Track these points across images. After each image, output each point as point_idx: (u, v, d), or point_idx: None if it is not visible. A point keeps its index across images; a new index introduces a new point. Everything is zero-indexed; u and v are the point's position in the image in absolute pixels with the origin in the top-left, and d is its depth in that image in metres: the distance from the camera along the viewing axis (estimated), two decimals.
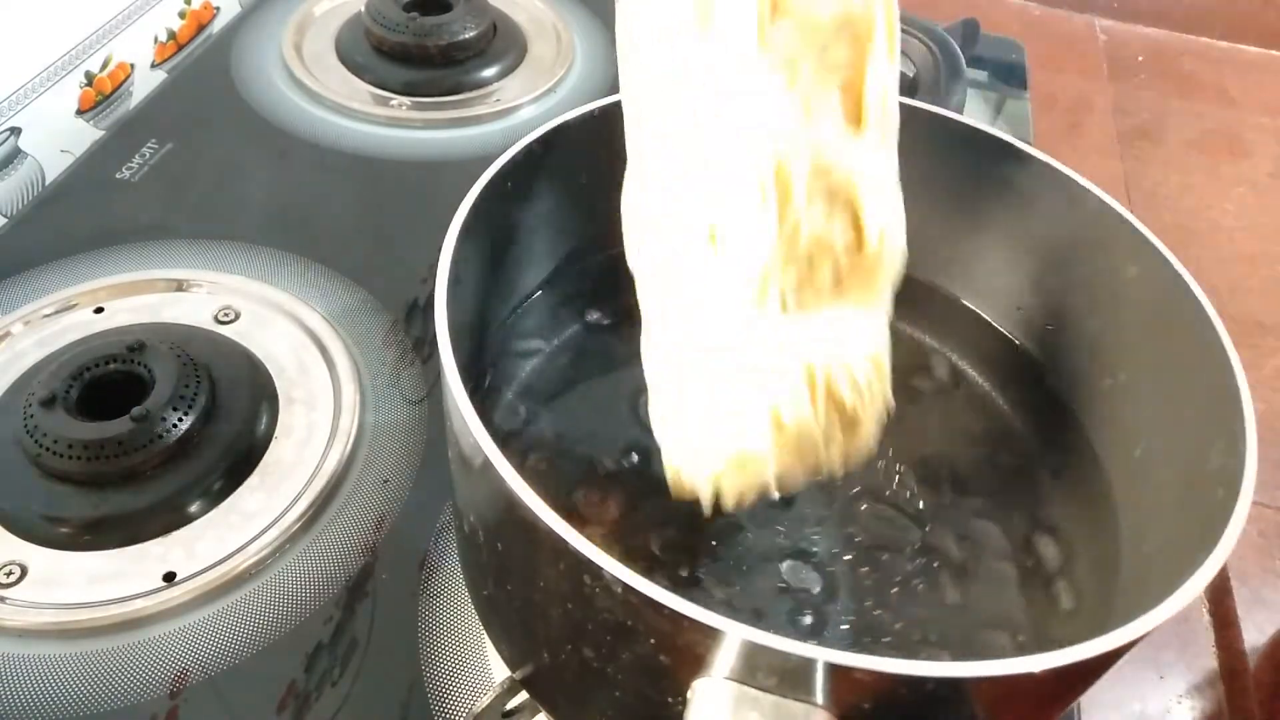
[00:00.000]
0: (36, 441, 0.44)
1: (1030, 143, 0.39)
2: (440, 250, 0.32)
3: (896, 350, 0.41)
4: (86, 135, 0.70)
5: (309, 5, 0.79)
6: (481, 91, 0.73)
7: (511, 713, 0.37)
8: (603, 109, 0.39)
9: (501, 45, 0.76)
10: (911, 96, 0.44)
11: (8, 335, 0.52)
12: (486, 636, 0.40)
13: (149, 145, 0.66)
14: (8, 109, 0.64)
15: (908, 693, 0.24)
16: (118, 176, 0.63)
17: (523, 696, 0.37)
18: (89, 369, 0.47)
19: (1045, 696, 0.28)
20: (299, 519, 0.45)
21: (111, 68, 0.72)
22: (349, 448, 0.48)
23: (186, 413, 0.46)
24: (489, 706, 0.37)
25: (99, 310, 0.54)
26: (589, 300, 0.44)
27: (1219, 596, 0.53)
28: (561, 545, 0.25)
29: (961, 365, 0.43)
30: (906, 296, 0.44)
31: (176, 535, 0.44)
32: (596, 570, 0.25)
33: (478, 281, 0.36)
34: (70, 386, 0.46)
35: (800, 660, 0.23)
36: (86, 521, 0.44)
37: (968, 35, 0.72)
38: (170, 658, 0.41)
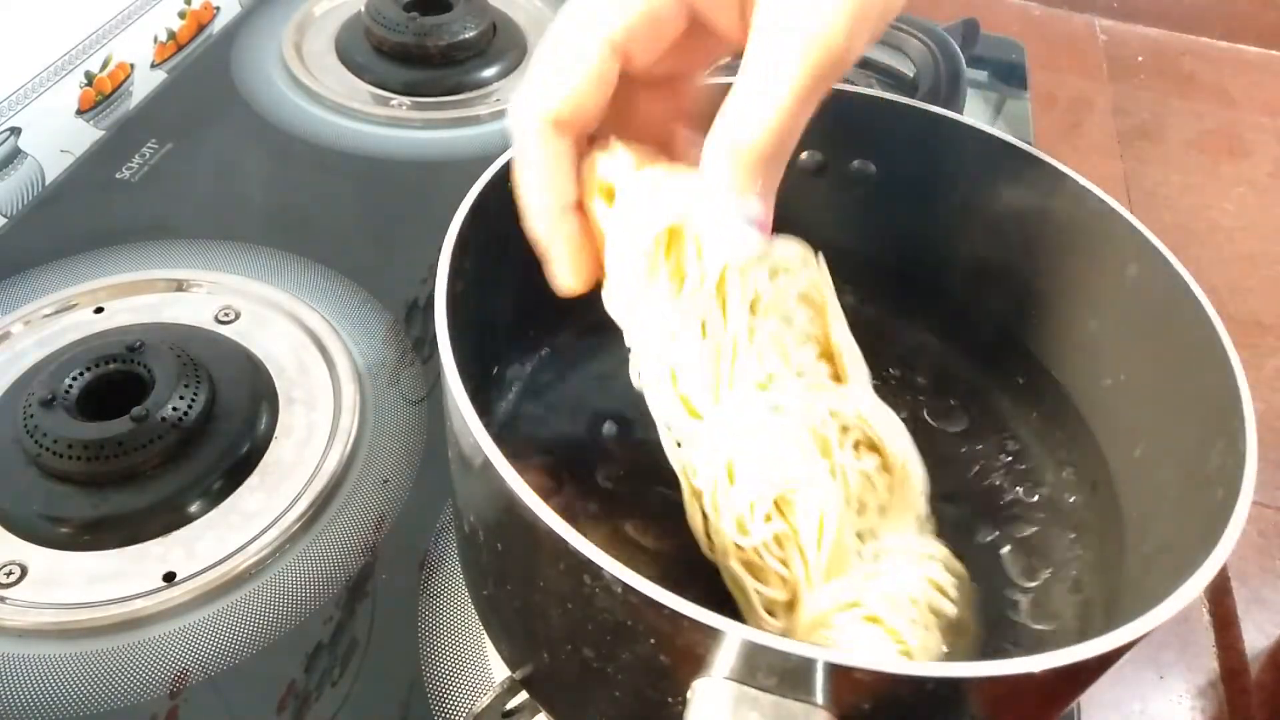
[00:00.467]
0: (36, 441, 0.44)
1: (1030, 143, 0.39)
2: (440, 250, 0.32)
3: (893, 345, 0.41)
4: (86, 135, 0.70)
5: (309, 5, 0.79)
6: (481, 91, 0.73)
7: (511, 713, 0.37)
8: None
9: (501, 45, 0.76)
10: (911, 96, 0.44)
11: (8, 335, 0.52)
12: (486, 636, 0.40)
13: (149, 145, 0.66)
14: (8, 109, 0.64)
15: (908, 693, 0.24)
16: (118, 176, 0.63)
17: (523, 696, 0.37)
18: (89, 369, 0.47)
19: (1045, 696, 0.28)
20: (299, 519, 0.45)
21: (111, 68, 0.72)
22: (349, 448, 0.48)
23: (186, 413, 0.46)
24: (489, 706, 0.37)
25: (99, 310, 0.54)
26: (589, 300, 0.44)
27: (1219, 596, 0.53)
28: (561, 545, 0.25)
29: (958, 364, 0.43)
30: (907, 295, 0.44)
31: (176, 535, 0.44)
32: (596, 570, 0.25)
33: (478, 281, 0.36)
34: (70, 386, 0.46)
35: (800, 660, 0.23)
36: (86, 521, 0.44)
37: (968, 35, 0.72)
38: (170, 658, 0.41)
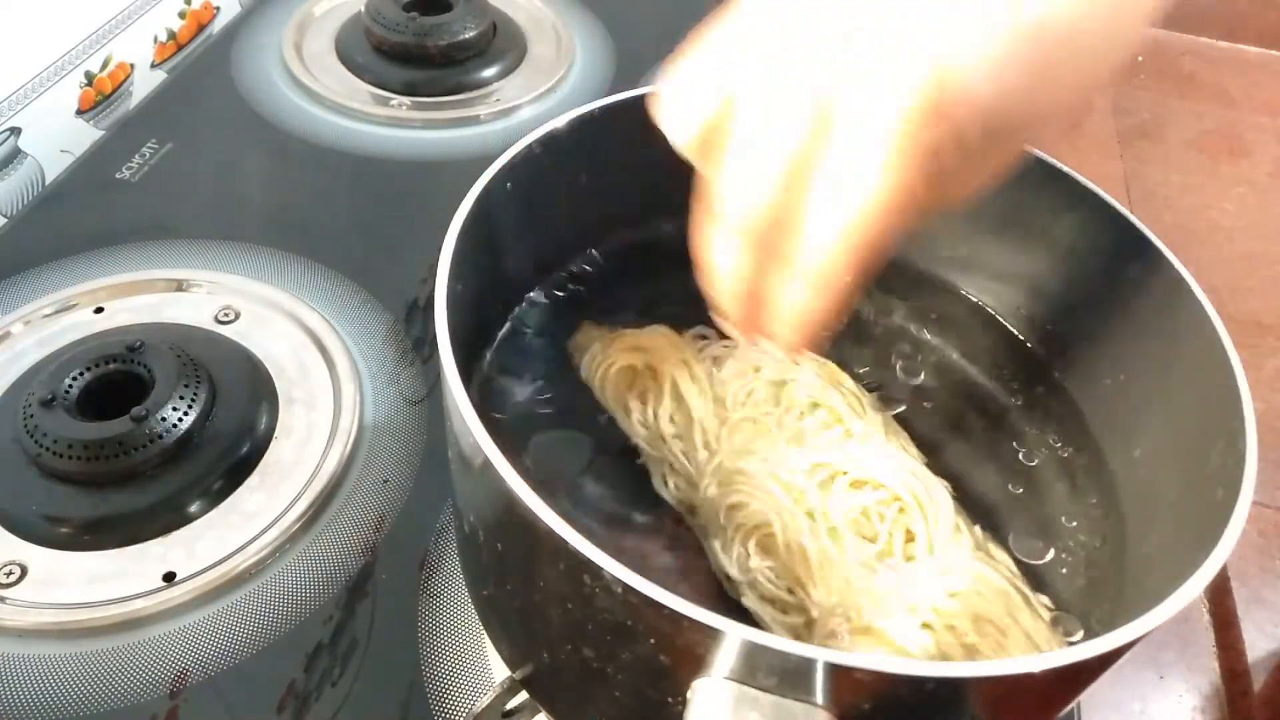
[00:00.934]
0: (36, 441, 0.44)
1: (1030, 143, 0.39)
2: (440, 250, 0.32)
3: (892, 345, 0.40)
4: (86, 135, 0.70)
5: (309, 5, 0.79)
6: (481, 91, 0.73)
7: (511, 713, 0.37)
8: (602, 109, 0.39)
9: (501, 45, 0.76)
10: None
11: (8, 335, 0.52)
12: (486, 636, 0.40)
13: (149, 145, 0.66)
14: (8, 109, 0.64)
15: (908, 693, 0.24)
16: (118, 176, 0.63)
17: (523, 696, 0.37)
18: (89, 369, 0.47)
19: (1045, 696, 0.28)
20: (299, 519, 0.45)
21: (111, 68, 0.72)
22: (349, 448, 0.48)
23: (186, 413, 0.46)
24: (489, 706, 0.37)
25: (99, 310, 0.54)
26: (590, 300, 0.44)
27: (1219, 596, 0.53)
28: (561, 545, 0.25)
29: (962, 364, 0.43)
30: (907, 294, 0.44)
31: (176, 535, 0.44)
32: (596, 570, 0.25)
33: (478, 281, 0.36)
34: (70, 386, 0.46)
35: (800, 660, 0.23)
36: (86, 521, 0.44)
37: None
38: (170, 658, 0.41)
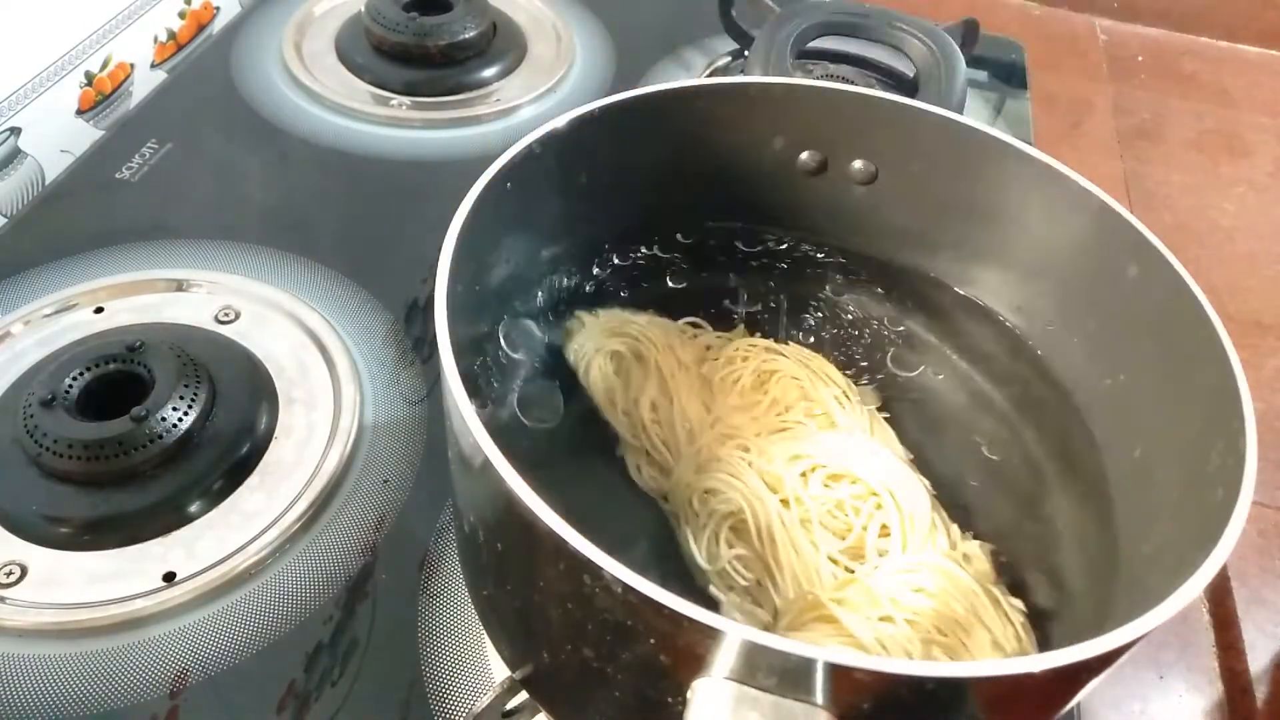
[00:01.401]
0: (36, 441, 0.44)
1: (1030, 143, 0.39)
2: (440, 250, 0.32)
3: (891, 344, 0.40)
4: (86, 135, 0.70)
5: (309, 5, 0.79)
6: (481, 91, 0.73)
7: (511, 713, 0.37)
8: (602, 109, 0.39)
9: (501, 45, 0.76)
10: (911, 96, 0.44)
11: (8, 335, 0.52)
12: (486, 636, 0.40)
13: (149, 145, 0.66)
14: (8, 109, 0.64)
15: (908, 693, 0.24)
16: (118, 176, 0.63)
17: (523, 696, 0.37)
18: (89, 369, 0.47)
19: (1045, 696, 0.28)
20: (299, 519, 0.45)
21: (111, 68, 0.72)
22: (349, 448, 0.48)
23: (186, 413, 0.46)
24: (489, 706, 0.37)
25: (99, 310, 0.54)
26: (590, 300, 0.44)
27: (1219, 596, 0.53)
28: (561, 545, 0.25)
29: (958, 361, 0.43)
30: (904, 291, 0.44)
31: (176, 535, 0.44)
32: (596, 570, 0.25)
33: (478, 281, 0.36)
34: (70, 386, 0.46)
35: (800, 660, 0.23)
36: (86, 521, 0.44)
37: (968, 35, 0.72)
38: (170, 658, 0.41)
